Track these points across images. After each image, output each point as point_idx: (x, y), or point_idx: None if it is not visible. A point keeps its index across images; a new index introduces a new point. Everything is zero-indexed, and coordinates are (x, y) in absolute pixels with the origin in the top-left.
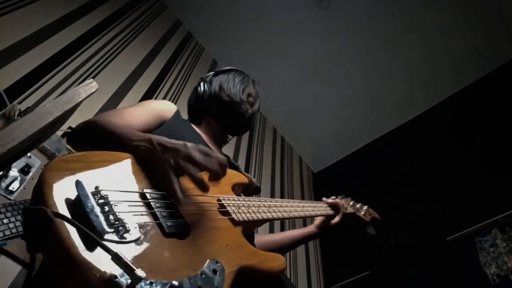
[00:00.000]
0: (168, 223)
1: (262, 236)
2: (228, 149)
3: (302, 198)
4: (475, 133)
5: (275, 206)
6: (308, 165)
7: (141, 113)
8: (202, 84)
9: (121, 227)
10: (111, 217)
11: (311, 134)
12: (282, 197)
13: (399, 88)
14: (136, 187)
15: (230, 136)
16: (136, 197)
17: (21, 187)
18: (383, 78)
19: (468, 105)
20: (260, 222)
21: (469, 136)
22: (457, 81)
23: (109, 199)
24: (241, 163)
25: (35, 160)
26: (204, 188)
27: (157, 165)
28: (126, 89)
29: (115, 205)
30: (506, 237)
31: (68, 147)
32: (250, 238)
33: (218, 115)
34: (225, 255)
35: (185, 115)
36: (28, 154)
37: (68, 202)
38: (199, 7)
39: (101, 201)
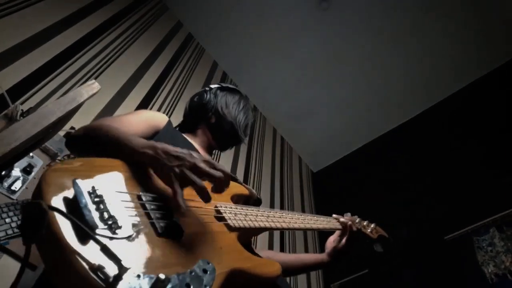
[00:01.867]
0: (161, 224)
1: (273, 254)
2: (228, 149)
3: (302, 198)
4: (474, 133)
5: (273, 216)
6: (307, 165)
7: (137, 121)
8: (208, 93)
9: (113, 224)
10: (105, 214)
11: (311, 134)
12: (281, 196)
13: (398, 88)
14: (133, 190)
15: (216, 150)
16: (132, 198)
17: (24, 187)
18: (383, 78)
19: (467, 105)
20: (257, 230)
21: (468, 136)
22: (457, 81)
23: (104, 198)
24: (241, 163)
25: (38, 160)
26: (207, 198)
27: (162, 172)
28: (128, 90)
29: (109, 204)
30: (504, 236)
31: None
32: (247, 247)
33: (217, 129)
34: (217, 257)
35: (175, 123)
36: (31, 154)
37: (64, 198)
38: (200, 9)
39: (96, 199)
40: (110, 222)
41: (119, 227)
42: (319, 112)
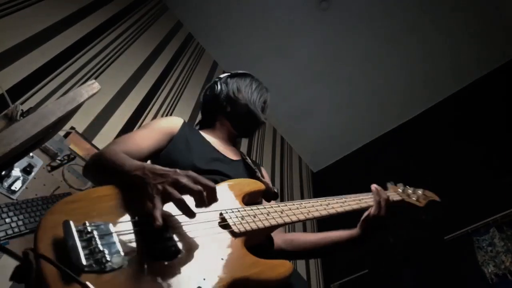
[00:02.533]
0: (156, 247)
1: (297, 236)
2: (252, 135)
3: (302, 198)
4: (474, 133)
5: (289, 209)
6: (307, 165)
7: (149, 134)
8: (219, 83)
9: (102, 258)
10: (95, 250)
11: (311, 134)
12: (281, 196)
13: (398, 88)
14: (129, 216)
15: (240, 138)
16: (126, 226)
17: (23, 187)
18: (383, 78)
19: (467, 105)
20: (267, 229)
21: (468, 136)
22: (457, 81)
23: (95, 233)
24: None
25: (37, 160)
26: (189, 213)
27: (145, 190)
28: (128, 89)
29: (100, 238)
30: (504, 236)
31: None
32: (265, 246)
33: (234, 116)
34: (215, 271)
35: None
36: (31, 154)
37: (56, 242)
38: (200, 9)
39: (87, 236)
40: (99, 257)
41: (108, 261)
42: (319, 112)
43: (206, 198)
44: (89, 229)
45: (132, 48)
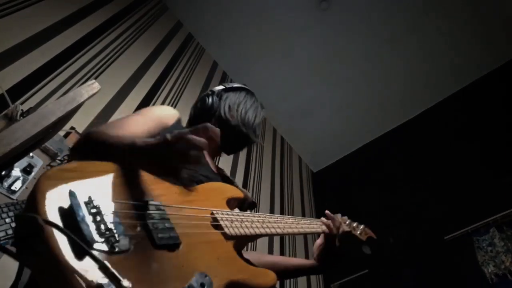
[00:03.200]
0: (159, 235)
1: (261, 256)
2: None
3: (302, 198)
4: (474, 133)
5: (269, 222)
6: (307, 165)
7: (143, 121)
8: (211, 97)
9: (111, 237)
10: (102, 226)
11: (311, 134)
12: (281, 196)
13: (398, 88)
14: (129, 198)
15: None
16: (129, 207)
17: (23, 187)
18: (383, 78)
19: (468, 105)
20: (253, 237)
21: (468, 136)
22: (457, 81)
23: (101, 209)
24: (241, 163)
25: (38, 160)
26: (201, 162)
27: (167, 160)
28: (128, 90)
29: (106, 215)
30: (503, 236)
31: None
32: (241, 254)
33: (222, 136)
34: (214, 269)
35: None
36: (31, 154)
37: (61, 210)
38: (200, 9)
39: (93, 210)
40: (107, 235)
41: (117, 241)
42: (319, 112)
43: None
44: (95, 203)
45: (132, 48)
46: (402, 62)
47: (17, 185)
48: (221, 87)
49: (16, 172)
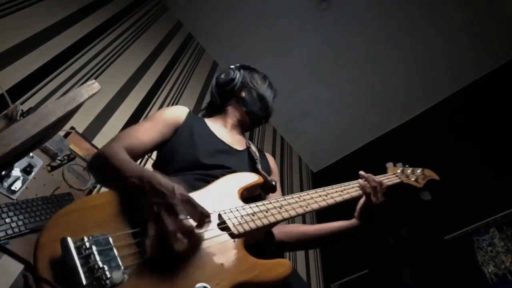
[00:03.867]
0: (154, 258)
1: (295, 227)
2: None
3: None
4: (474, 133)
5: (288, 204)
6: (307, 165)
7: (153, 126)
8: (234, 70)
9: (102, 275)
10: (94, 266)
11: (311, 134)
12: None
13: (398, 88)
14: (127, 227)
15: (247, 127)
16: (125, 238)
17: (23, 187)
18: (383, 78)
19: (468, 105)
20: (266, 227)
21: (468, 136)
22: (457, 81)
23: (93, 249)
24: None
25: (37, 160)
26: (178, 244)
27: (142, 206)
28: (128, 89)
29: (99, 253)
30: (503, 236)
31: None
32: (266, 241)
33: (248, 102)
34: (216, 277)
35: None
36: (31, 154)
37: (54, 261)
38: (200, 9)
39: (86, 252)
40: (98, 275)
41: (109, 277)
42: (319, 112)
43: (199, 224)
44: (87, 244)
45: (132, 48)
46: (402, 62)
47: (17, 185)
48: (240, 64)
49: (16, 172)
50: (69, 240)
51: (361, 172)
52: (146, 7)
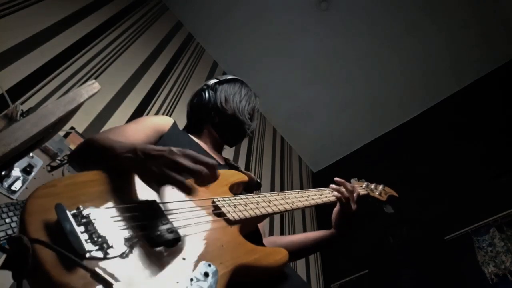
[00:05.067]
0: (155, 233)
1: (278, 238)
2: (229, 149)
3: None
4: (474, 133)
5: (276, 199)
6: (307, 165)
7: (140, 129)
8: (206, 91)
9: (104, 244)
10: (94, 235)
11: (311, 134)
12: None
13: (398, 88)
14: (122, 202)
15: (227, 146)
16: (122, 211)
17: (23, 187)
18: (383, 78)
19: (468, 105)
20: (259, 218)
21: (468, 136)
22: (457, 81)
23: (91, 217)
24: (241, 163)
25: (38, 160)
26: (188, 191)
27: (141, 174)
28: (128, 90)
29: (98, 223)
30: (504, 237)
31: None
32: (255, 235)
33: (221, 126)
34: (218, 257)
35: (181, 125)
36: (31, 154)
37: (48, 226)
38: (200, 9)
39: (84, 220)
40: (100, 243)
41: (111, 246)
42: (319, 112)
43: (207, 176)
44: (84, 213)
45: (132, 48)
46: (402, 62)
47: (17, 185)
48: (215, 80)
49: (16, 172)
50: (64, 206)
51: (336, 179)
52: (146, 7)
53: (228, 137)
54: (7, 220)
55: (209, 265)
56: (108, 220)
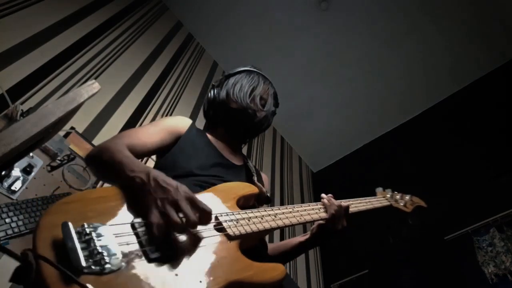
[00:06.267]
0: (152, 249)
1: (279, 246)
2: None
3: (302, 198)
4: (474, 133)
5: (283, 213)
6: (307, 165)
7: (155, 131)
8: (212, 90)
9: (101, 260)
10: (94, 251)
11: (311, 134)
12: (281, 196)
13: (398, 88)
14: (126, 219)
15: (242, 141)
16: (124, 228)
17: (23, 187)
18: (383, 78)
19: (468, 105)
20: (261, 233)
21: (468, 136)
22: (457, 81)
23: (94, 234)
24: None
25: (37, 160)
26: (182, 231)
27: (145, 200)
28: (128, 90)
29: (99, 240)
30: (504, 237)
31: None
32: (258, 249)
33: (227, 123)
34: (211, 273)
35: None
36: (31, 154)
37: (54, 242)
38: (200, 9)
39: (86, 237)
40: (98, 259)
41: (107, 262)
42: (319, 112)
43: (200, 221)
44: (87, 230)
45: (132, 48)
46: (402, 62)
47: (17, 185)
48: (220, 77)
49: (16, 172)
50: (70, 224)
51: (322, 195)
52: (146, 7)
53: (236, 132)
54: (7, 220)
55: (200, 282)
56: (110, 236)
